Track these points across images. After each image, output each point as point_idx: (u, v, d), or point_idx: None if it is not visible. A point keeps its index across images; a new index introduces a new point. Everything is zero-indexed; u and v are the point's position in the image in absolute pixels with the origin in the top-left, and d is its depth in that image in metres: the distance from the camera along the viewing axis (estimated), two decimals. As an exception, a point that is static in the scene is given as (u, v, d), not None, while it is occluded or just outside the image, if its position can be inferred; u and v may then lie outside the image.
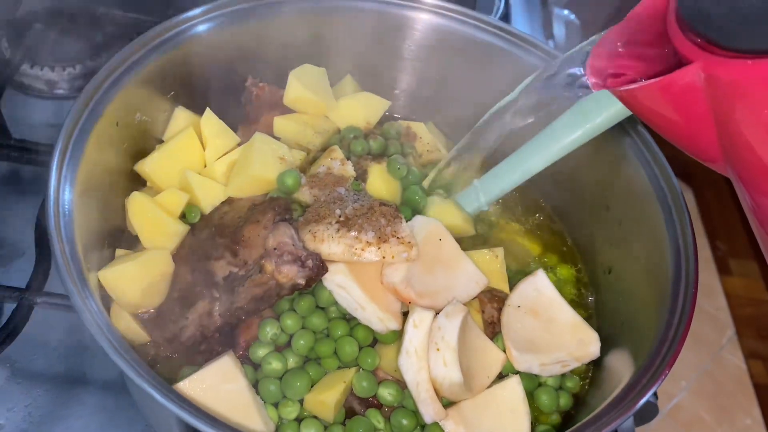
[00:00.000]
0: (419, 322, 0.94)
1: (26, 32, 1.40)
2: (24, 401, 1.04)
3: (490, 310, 1.04)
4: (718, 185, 3.75)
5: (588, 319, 1.07)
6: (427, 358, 0.92)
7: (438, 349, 0.92)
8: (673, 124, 0.71)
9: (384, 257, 0.95)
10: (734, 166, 0.68)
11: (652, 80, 0.67)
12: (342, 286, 0.96)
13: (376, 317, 0.96)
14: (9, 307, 1.06)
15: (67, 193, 0.87)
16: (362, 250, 0.94)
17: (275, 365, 0.92)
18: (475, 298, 1.03)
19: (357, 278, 0.95)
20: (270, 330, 0.94)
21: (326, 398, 0.90)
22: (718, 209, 3.61)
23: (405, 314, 0.99)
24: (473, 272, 1.03)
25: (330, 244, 0.94)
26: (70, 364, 1.08)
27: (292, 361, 0.95)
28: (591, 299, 1.14)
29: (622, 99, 0.76)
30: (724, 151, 0.68)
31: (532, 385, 0.99)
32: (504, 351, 0.99)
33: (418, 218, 1.04)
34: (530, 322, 1.02)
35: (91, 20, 1.55)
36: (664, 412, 2.86)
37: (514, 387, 0.95)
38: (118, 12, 1.51)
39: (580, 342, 1.01)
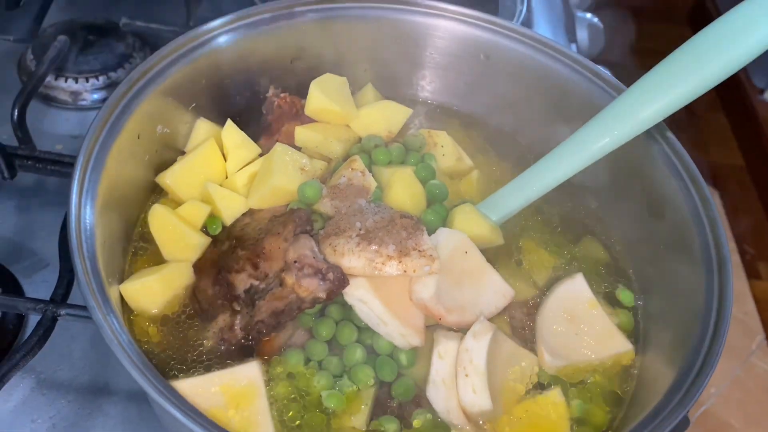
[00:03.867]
0: (444, 353, 0.93)
1: (50, 44, 1.41)
2: (48, 413, 1.05)
3: (520, 316, 1.03)
4: (745, 189, 3.68)
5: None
6: (455, 386, 0.91)
7: (467, 375, 0.91)
8: None
9: (405, 271, 0.94)
10: None
11: None
12: (363, 301, 0.94)
13: (398, 333, 0.95)
14: (34, 319, 1.06)
15: (88, 208, 0.87)
16: (383, 264, 0.93)
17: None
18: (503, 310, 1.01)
19: (378, 293, 0.94)
20: (296, 360, 0.94)
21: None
22: (745, 212, 3.55)
23: (429, 328, 0.98)
24: (500, 284, 1.02)
25: (350, 258, 0.93)
26: (94, 375, 1.09)
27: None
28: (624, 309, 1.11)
29: None
30: None
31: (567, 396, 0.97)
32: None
33: (442, 231, 1.03)
34: (565, 326, 1.00)
35: (114, 32, 1.56)
36: (692, 419, 2.81)
37: (555, 399, 0.93)
38: (140, 23, 1.52)
39: (613, 350, 0.99)
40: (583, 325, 1.00)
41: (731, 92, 3.97)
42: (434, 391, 0.93)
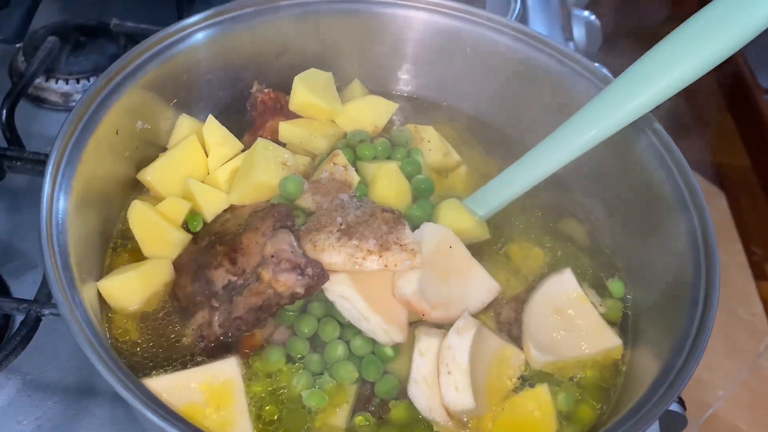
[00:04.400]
0: (425, 350, 0.91)
1: (40, 45, 1.41)
2: (34, 414, 1.03)
3: (507, 311, 1.01)
4: (751, 189, 3.64)
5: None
6: (437, 384, 0.90)
7: (449, 372, 0.89)
8: None
9: (386, 266, 0.92)
10: None
11: None
12: (345, 297, 0.93)
13: (381, 329, 0.93)
14: (20, 319, 1.05)
15: (62, 202, 0.86)
16: (363, 259, 0.91)
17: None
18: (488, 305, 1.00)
19: (360, 288, 0.92)
20: (276, 358, 0.93)
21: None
22: (752, 213, 3.50)
23: (412, 324, 0.96)
24: (485, 279, 1.00)
25: (330, 253, 0.91)
26: (81, 376, 1.07)
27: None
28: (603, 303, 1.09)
29: None
30: None
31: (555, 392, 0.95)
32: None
33: (426, 226, 1.01)
34: (553, 320, 0.99)
35: (105, 33, 1.56)
36: (699, 422, 2.77)
37: (541, 395, 0.92)
38: (131, 24, 1.51)
39: (602, 346, 0.97)
40: (572, 320, 0.99)
41: (737, 92, 3.93)
42: (416, 389, 0.91)
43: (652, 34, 1.02)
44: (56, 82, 1.47)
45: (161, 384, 0.85)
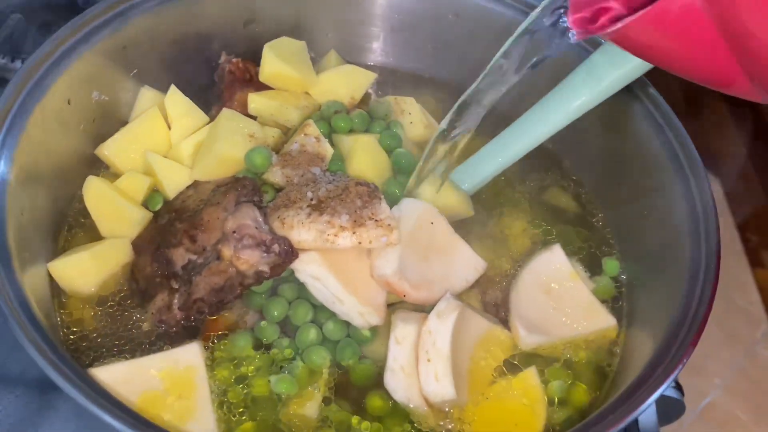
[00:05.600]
0: (402, 338, 0.85)
1: (3, 24, 1.33)
2: None
3: (493, 291, 0.96)
4: (746, 174, 3.59)
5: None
6: (416, 373, 0.83)
7: (429, 360, 0.82)
8: (678, 54, 0.61)
9: (360, 242, 0.85)
10: (763, 77, 0.58)
11: (641, 13, 0.57)
12: (316, 277, 0.86)
13: (356, 311, 0.87)
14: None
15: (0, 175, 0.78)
16: (335, 235, 0.84)
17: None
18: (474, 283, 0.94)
19: (332, 268, 0.86)
20: (243, 343, 0.86)
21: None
22: (747, 199, 3.45)
23: (391, 306, 0.90)
24: (470, 256, 0.95)
25: (300, 230, 0.84)
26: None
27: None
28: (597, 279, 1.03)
29: (615, 41, 0.66)
30: (744, 67, 0.58)
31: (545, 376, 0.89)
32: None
33: (405, 201, 0.95)
34: (542, 299, 0.93)
35: (73, 11, 1.48)
36: (696, 411, 2.71)
37: (530, 380, 0.86)
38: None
39: (596, 325, 0.92)
40: (562, 298, 0.93)
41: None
42: (392, 379, 0.84)
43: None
44: (22, 62, 1.39)
45: (114, 373, 0.79)
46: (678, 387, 1.07)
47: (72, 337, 0.87)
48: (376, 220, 0.86)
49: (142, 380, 0.80)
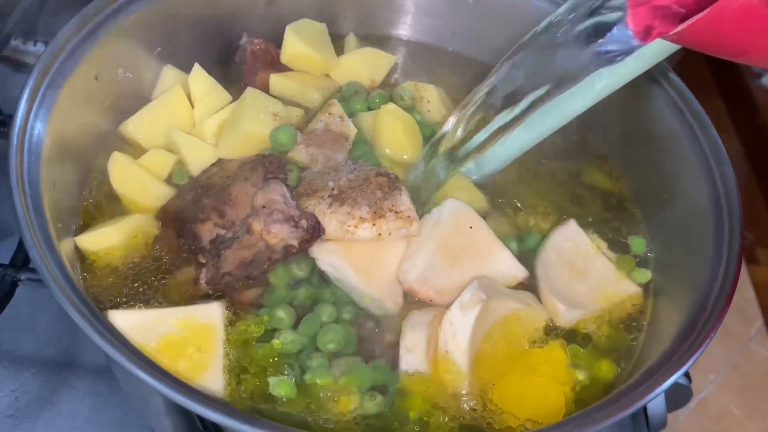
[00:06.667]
0: (412, 346, 0.84)
1: (17, 4, 1.33)
2: (11, 386, 0.99)
3: None
4: (743, 174, 3.62)
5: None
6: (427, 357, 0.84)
7: (447, 351, 0.83)
8: (744, 47, 0.62)
9: (380, 234, 0.86)
10: None
11: (699, 16, 0.58)
12: (336, 267, 0.87)
13: (373, 300, 0.88)
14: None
15: (33, 153, 0.79)
16: (355, 227, 0.86)
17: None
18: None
19: (350, 259, 0.87)
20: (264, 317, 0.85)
21: None
22: (743, 198, 3.49)
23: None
24: (511, 264, 0.92)
25: (321, 220, 0.86)
26: (61, 348, 1.04)
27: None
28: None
29: (676, 42, 0.67)
30: None
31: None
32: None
33: (448, 202, 0.93)
34: (567, 274, 0.93)
35: (85, -7, 1.48)
36: (691, 406, 2.74)
37: (555, 353, 0.86)
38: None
39: (620, 295, 0.93)
40: (585, 271, 0.93)
41: (728, 77, 3.91)
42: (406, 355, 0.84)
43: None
44: (35, 45, 1.39)
45: (131, 320, 0.79)
46: (686, 373, 1.09)
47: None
48: (396, 212, 0.87)
49: (160, 327, 0.80)
